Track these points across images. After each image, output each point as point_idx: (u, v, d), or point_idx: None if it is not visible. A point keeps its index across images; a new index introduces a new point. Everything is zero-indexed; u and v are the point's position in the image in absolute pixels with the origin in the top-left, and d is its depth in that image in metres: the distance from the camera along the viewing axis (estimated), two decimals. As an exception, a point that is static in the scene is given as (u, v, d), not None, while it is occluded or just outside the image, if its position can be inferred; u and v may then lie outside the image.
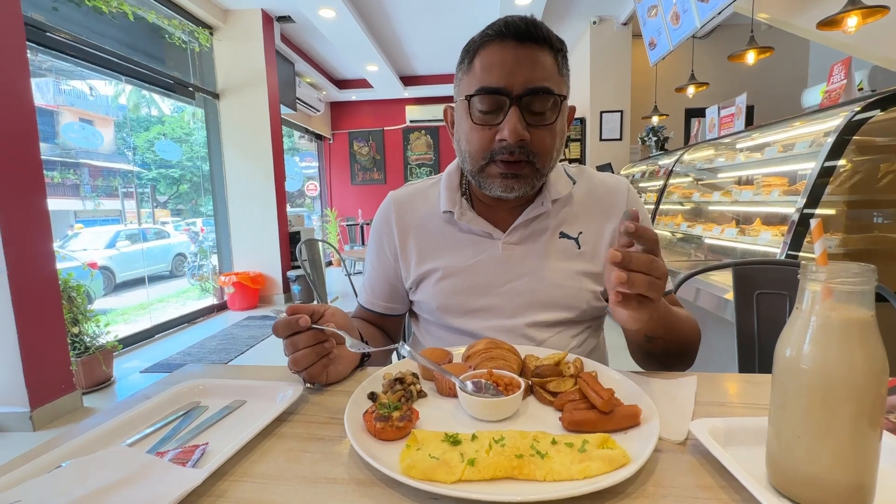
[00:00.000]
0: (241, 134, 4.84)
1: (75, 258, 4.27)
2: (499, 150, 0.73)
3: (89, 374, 2.91)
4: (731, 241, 2.71)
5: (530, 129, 0.72)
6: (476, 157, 0.76)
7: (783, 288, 1.26)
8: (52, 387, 2.51)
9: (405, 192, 0.93)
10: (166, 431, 0.56)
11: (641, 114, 5.51)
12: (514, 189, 0.76)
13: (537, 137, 0.73)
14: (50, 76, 4.20)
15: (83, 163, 4.58)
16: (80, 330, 2.89)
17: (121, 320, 4.30)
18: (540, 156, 0.74)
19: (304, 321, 0.63)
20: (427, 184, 0.93)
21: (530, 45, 0.71)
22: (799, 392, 0.38)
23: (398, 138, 8.07)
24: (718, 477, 0.44)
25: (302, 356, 0.63)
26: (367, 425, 0.52)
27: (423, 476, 0.42)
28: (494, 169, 0.75)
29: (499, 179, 0.76)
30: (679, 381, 0.64)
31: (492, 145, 0.74)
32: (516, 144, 0.72)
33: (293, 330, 0.64)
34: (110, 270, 4.84)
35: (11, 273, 2.28)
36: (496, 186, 0.77)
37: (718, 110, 3.24)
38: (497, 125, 0.73)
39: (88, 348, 2.90)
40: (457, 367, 0.64)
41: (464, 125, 0.77)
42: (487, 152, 0.75)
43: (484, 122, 0.74)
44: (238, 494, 0.44)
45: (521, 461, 0.43)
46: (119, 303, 4.68)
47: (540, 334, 0.82)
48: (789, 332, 0.40)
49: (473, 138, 0.75)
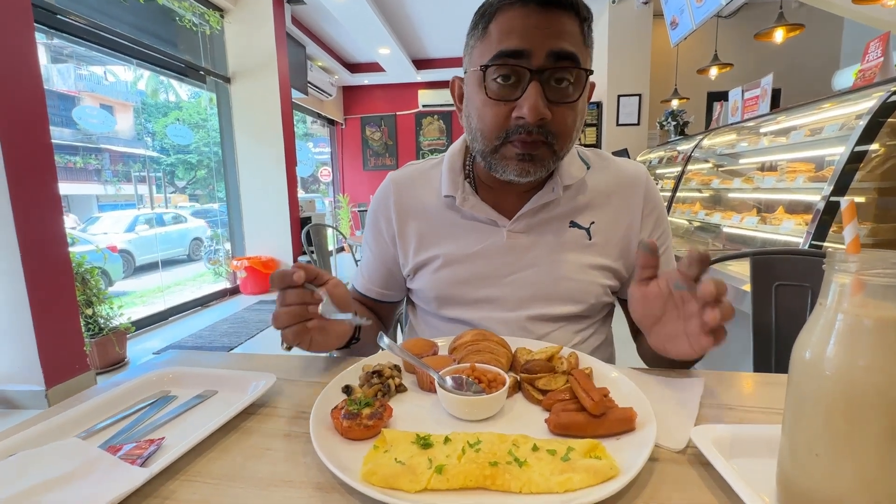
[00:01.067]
0: (253, 118, 4.82)
1: (90, 241, 4.35)
2: (515, 129, 0.66)
3: (103, 355, 2.97)
4: (751, 230, 2.59)
5: (551, 106, 0.64)
6: (489, 137, 0.68)
7: (804, 280, 1.18)
8: (66, 366, 2.57)
9: (405, 174, 0.86)
10: (128, 422, 0.53)
11: (660, 97, 5.32)
12: (529, 173, 0.68)
13: (559, 116, 0.65)
14: (70, 62, 4.23)
15: (104, 148, 4.64)
16: (94, 311, 2.94)
17: (139, 302, 4.38)
18: (559, 137, 0.67)
19: (298, 276, 0.60)
20: (429, 164, 0.86)
21: (555, 10, 0.63)
22: (819, 402, 0.33)
23: (410, 123, 7.97)
24: (720, 493, 0.39)
25: (284, 313, 0.61)
26: (334, 423, 0.48)
27: (384, 483, 0.38)
28: (510, 150, 0.67)
29: (514, 162, 0.68)
30: (683, 382, 0.59)
31: (508, 123, 0.66)
32: (536, 124, 0.64)
33: (286, 283, 0.61)
34: (130, 254, 4.92)
35: (24, 255, 2.31)
36: (511, 169, 0.69)
37: (742, 92, 3.08)
38: (514, 101, 0.65)
39: (102, 329, 2.96)
40: (440, 360, 0.60)
41: (476, 100, 0.69)
42: (503, 131, 0.67)
43: (500, 97, 0.66)
44: (186, 496, 0.40)
45: (495, 470, 0.39)
46: (138, 285, 4.76)
47: (541, 328, 0.77)
48: (810, 332, 0.34)
49: (487, 115, 0.67)
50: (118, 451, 0.46)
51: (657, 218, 0.82)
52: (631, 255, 0.80)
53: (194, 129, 5.18)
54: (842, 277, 0.32)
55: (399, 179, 0.85)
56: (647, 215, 0.80)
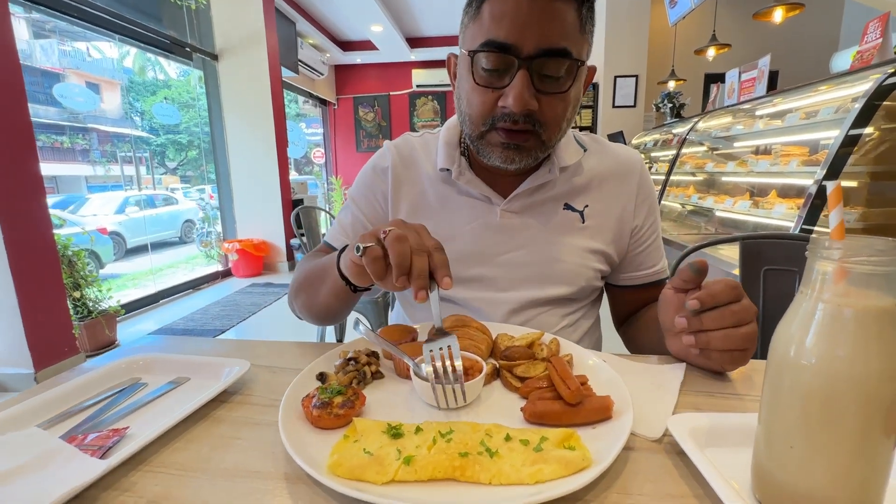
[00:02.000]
0: (242, 97, 4.71)
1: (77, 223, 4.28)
2: (501, 117, 0.64)
3: (93, 338, 2.95)
4: (743, 215, 2.59)
5: (540, 96, 0.62)
6: (476, 122, 0.67)
7: (793, 265, 1.18)
8: (55, 349, 2.56)
9: (404, 142, 0.83)
10: (95, 410, 0.51)
11: (657, 79, 5.24)
12: (514, 161, 0.67)
13: (547, 106, 0.63)
14: (53, 37, 4.08)
15: (91, 127, 4.53)
16: (83, 294, 2.91)
17: (131, 285, 4.34)
18: (547, 127, 0.65)
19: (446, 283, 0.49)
20: (427, 136, 0.83)
21: None
22: (796, 392, 0.31)
23: (404, 104, 7.83)
24: (695, 483, 0.38)
25: (406, 260, 0.48)
26: (304, 411, 0.46)
27: (350, 475, 0.37)
28: (495, 137, 0.66)
29: (498, 149, 0.67)
30: (664, 369, 0.58)
31: (494, 111, 0.64)
32: (521, 114, 0.62)
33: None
34: (120, 236, 4.85)
35: (7, 237, 2.26)
36: (495, 156, 0.68)
37: (739, 74, 3.04)
38: (502, 89, 0.63)
39: (91, 312, 2.93)
40: (417, 346, 0.58)
41: (465, 84, 0.67)
42: (489, 118, 0.65)
43: (487, 84, 0.64)
44: (147, 488, 0.39)
45: (465, 461, 0.37)
46: (130, 268, 4.71)
47: (531, 311, 0.76)
48: (790, 320, 0.33)
49: (474, 100, 0.66)
50: (83, 440, 0.45)
51: (650, 206, 0.81)
52: (622, 241, 0.79)
53: (184, 108, 5.06)
54: (824, 264, 0.31)
55: (398, 146, 0.82)
56: (641, 203, 0.79)
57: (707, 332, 0.53)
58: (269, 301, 3.97)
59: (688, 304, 0.53)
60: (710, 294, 0.52)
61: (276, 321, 3.51)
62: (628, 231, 0.79)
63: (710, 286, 0.53)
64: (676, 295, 0.58)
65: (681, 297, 0.57)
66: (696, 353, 0.55)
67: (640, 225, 0.79)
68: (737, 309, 0.51)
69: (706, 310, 0.53)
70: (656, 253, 0.82)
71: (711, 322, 0.52)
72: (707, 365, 0.57)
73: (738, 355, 0.53)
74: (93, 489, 0.39)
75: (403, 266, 0.48)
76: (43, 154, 4.34)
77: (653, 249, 0.81)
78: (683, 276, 0.55)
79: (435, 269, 0.49)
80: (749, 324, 0.52)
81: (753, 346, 0.53)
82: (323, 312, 0.72)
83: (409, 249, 0.48)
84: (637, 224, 0.79)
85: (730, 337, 0.52)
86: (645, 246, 0.80)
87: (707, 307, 0.52)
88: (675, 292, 0.58)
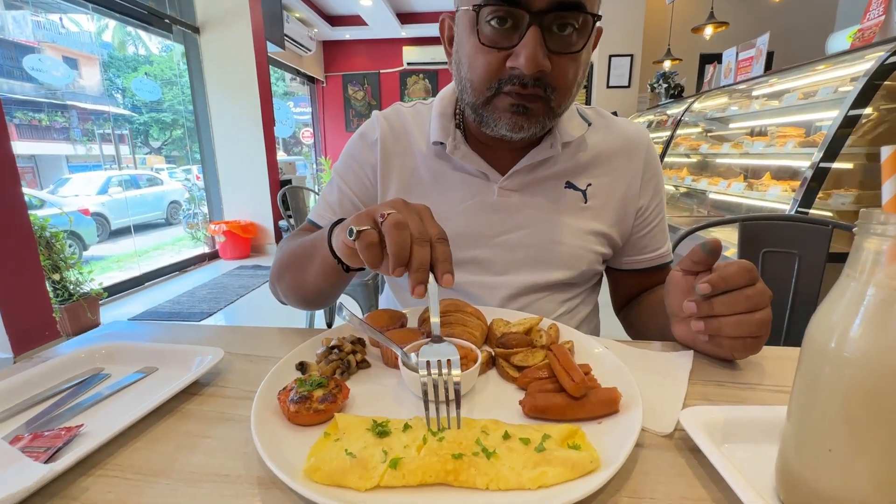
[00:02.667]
0: (225, 72, 4.52)
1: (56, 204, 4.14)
2: (508, 80, 0.58)
3: (74, 322, 2.87)
4: (737, 197, 2.56)
5: (551, 56, 0.56)
6: (480, 87, 0.60)
7: (792, 246, 1.15)
8: (35, 333, 2.49)
9: (394, 113, 0.77)
10: (48, 406, 0.46)
11: (652, 58, 5.15)
12: (522, 128, 0.61)
13: (559, 68, 0.57)
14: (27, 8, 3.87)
15: (71, 104, 4.33)
16: (62, 277, 2.82)
17: (116, 267, 4.24)
18: (558, 91, 0.59)
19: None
20: (419, 107, 0.77)
21: None
22: (836, 390, 0.28)
23: (395, 82, 7.64)
24: (712, 486, 0.35)
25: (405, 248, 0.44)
26: (280, 406, 0.42)
27: (329, 481, 0.33)
28: (503, 101, 0.60)
29: (507, 115, 0.60)
30: (671, 357, 0.54)
31: (501, 73, 0.58)
32: (533, 76, 0.56)
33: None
34: (104, 217, 4.71)
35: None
36: (502, 123, 0.61)
37: (737, 53, 2.98)
38: (511, 48, 0.56)
39: (72, 295, 2.85)
40: (406, 333, 0.54)
41: (467, 45, 0.60)
42: (494, 81, 0.59)
43: (494, 43, 0.57)
44: (98, 495, 0.34)
45: (459, 464, 0.33)
46: (115, 250, 4.59)
47: (529, 296, 0.71)
48: (831, 307, 0.29)
49: (479, 63, 0.59)
50: (31, 440, 0.40)
51: (656, 186, 0.76)
52: (626, 222, 0.75)
53: (167, 85, 4.86)
54: (875, 242, 0.27)
55: (388, 117, 0.76)
56: (647, 182, 0.74)
57: (718, 317, 0.49)
58: (258, 283, 3.91)
59: (698, 287, 0.49)
60: (722, 277, 0.48)
61: (265, 304, 3.45)
62: (633, 212, 0.74)
63: (723, 268, 0.49)
64: (685, 277, 0.54)
65: (690, 280, 0.53)
66: (704, 339, 0.52)
67: (646, 206, 0.75)
68: (751, 293, 0.48)
69: (717, 294, 0.49)
70: (661, 235, 0.77)
71: (723, 307, 0.49)
72: (716, 352, 0.53)
73: (750, 342, 0.49)
74: (36, 497, 0.34)
75: (402, 256, 0.43)
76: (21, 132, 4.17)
77: (657, 232, 0.77)
78: (694, 256, 0.51)
79: (436, 263, 0.44)
80: (764, 309, 0.48)
81: (767, 333, 0.49)
82: (311, 294, 0.66)
83: (409, 238, 0.43)
84: (642, 205, 0.74)
85: (743, 323, 0.48)
86: (650, 228, 0.76)
87: (719, 291, 0.49)
88: (685, 274, 0.54)
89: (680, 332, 0.56)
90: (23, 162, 4.14)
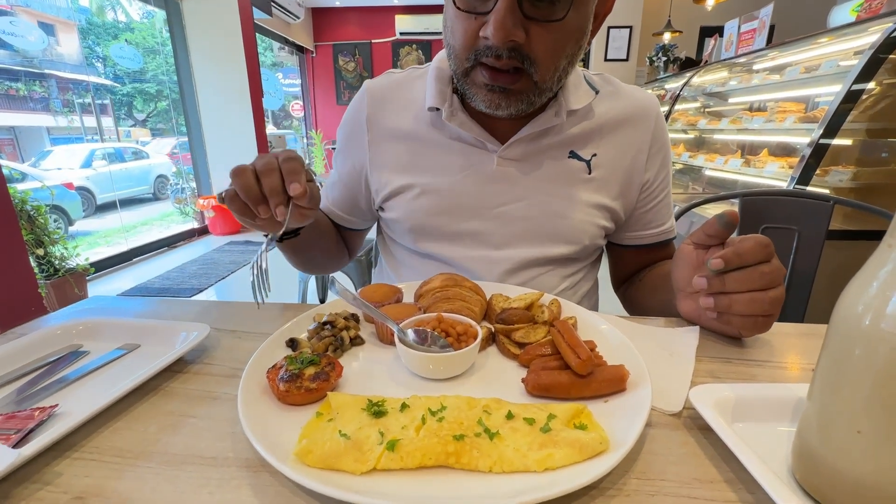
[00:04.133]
0: (210, 40, 4.34)
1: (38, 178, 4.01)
2: (483, 51, 0.54)
3: (61, 297, 2.83)
4: (733, 174, 2.54)
5: (530, 24, 0.52)
6: (460, 56, 0.57)
7: (792, 222, 1.14)
8: (20, 309, 2.44)
9: (384, 84, 0.73)
10: (22, 384, 0.43)
11: (651, 31, 5.02)
12: (500, 107, 0.58)
13: (538, 38, 0.53)
14: None
15: (49, 73, 4.14)
16: (46, 252, 2.75)
17: (103, 243, 4.16)
18: (539, 64, 0.54)
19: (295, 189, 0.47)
20: (413, 74, 0.73)
21: None
22: (869, 368, 0.26)
23: (387, 53, 7.41)
24: (724, 466, 0.33)
25: (247, 194, 0.48)
26: (270, 385, 0.40)
27: (322, 464, 0.31)
28: (479, 76, 0.56)
29: (483, 91, 0.57)
30: (676, 333, 0.53)
31: (476, 42, 0.54)
32: (505, 47, 0.52)
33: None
34: (89, 191, 4.58)
35: (-48, 190, 2.08)
36: (479, 100, 0.58)
37: (739, 24, 2.90)
38: (485, 14, 0.52)
39: (58, 271, 2.79)
40: (402, 308, 0.51)
41: (449, 9, 0.57)
42: (471, 51, 0.55)
43: (469, 8, 0.53)
44: (74, 480, 0.32)
45: (461, 445, 0.31)
46: (102, 225, 4.49)
47: (528, 271, 0.69)
48: (866, 281, 0.26)
49: (457, 30, 0.56)
50: (7, 420, 0.37)
51: (664, 158, 0.72)
52: (630, 196, 0.71)
53: (149, 54, 4.66)
54: (921, 210, 0.24)
55: (375, 90, 0.72)
56: (655, 154, 0.71)
57: (729, 294, 0.47)
58: (249, 259, 3.86)
59: (710, 262, 0.47)
60: (737, 253, 0.46)
61: (256, 280, 3.41)
62: (637, 185, 0.71)
63: (738, 244, 0.47)
64: (696, 251, 0.51)
65: (701, 255, 0.51)
66: (712, 316, 0.50)
67: (652, 179, 0.72)
68: (767, 269, 0.45)
69: (730, 270, 0.47)
70: (666, 210, 0.75)
71: (736, 284, 0.47)
72: (723, 330, 0.51)
73: (761, 321, 0.48)
74: (5, 483, 0.32)
75: (251, 192, 0.47)
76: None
77: (662, 206, 0.74)
78: (709, 229, 0.49)
79: (285, 178, 0.48)
80: (777, 287, 0.46)
81: (778, 311, 0.47)
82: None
83: (251, 176, 0.48)
84: (648, 178, 0.71)
85: (756, 301, 0.46)
86: (655, 202, 0.73)
87: (732, 267, 0.46)
88: (696, 248, 0.51)
89: (686, 308, 0.55)
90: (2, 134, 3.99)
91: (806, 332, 0.54)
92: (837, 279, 0.37)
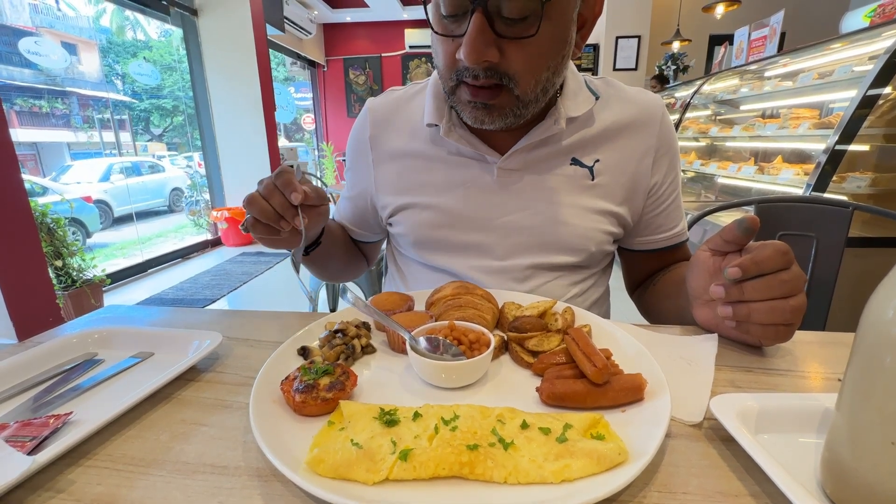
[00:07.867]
0: (225, 56, 4.45)
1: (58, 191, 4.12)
2: (462, 71, 0.55)
3: (78, 308, 2.88)
4: (747, 181, 2.51)
5: (504, 42, 0.52)
6: (444, 76, 0.59)
7: (810, 229, 1.11)
8: (38, 319, 2.48)
9: (384, 102, 0.74)
10: (38, 392, 0.44)
11: (660, 40, 5.03)
12: (484, 121, 0.59)
13: (514, 55, 0.53)
14: None
15: (71, 91, 4.28)
16: (65, 263, 2.81)
17: (119, 254, 4.23)
18: (519, 79, 0.55)
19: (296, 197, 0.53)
20: (412, 91, 0.74)
21: None
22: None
23: (397, 66, 7.51)
24: (748, 479, 0.32)
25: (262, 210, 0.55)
26: (285, 398, 0.39)
27: (334, 474, 0.30)
28: (462, 94, 0.57)
29: (468, 108, 0.58)
30: (694, 341, 0.51)
31: (456, 64, 0.55)
32: (480, 67, 0.53)
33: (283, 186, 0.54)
34: (107, 204, 4.70)
35: (-23, 204, 2.15)
36: (466, 115, 0.60)
37: (749, 32, 2.89)
38: (461, 37, 0.53)
39: (75, 282, 2.85)
40: (414, 316, 0.51)
41: (432, 34, 0.59)
42: (453, 71, 0.56)
43: (446, 32, 0.55)
44: (86, 487, 0.32)
45: (475, 455, 0.31)
46: (118, 237, 4.59)
47: (534, 280, 0.68)
48: (893, 285, 0.25)
49: (439, 52, 0.58)
50: (17, 429, 0.37)
51: (671, 161, 0.71)
52: (637, 201, 0.70)
53: (166, 71, 4.80)
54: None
55: (377, 109, 0.74)
56: (661, 157, 0.69)
57: (748, 303, 0.46)
58: (261, 270, 3.89)
59: (727, 271, 0.46)
60: (755, 262, 0.45)
61: (268, 290, 3.44)
62: (644, 190, 0.70)
63: (756, 251, 0.45)
64: (713, 258, 0.50)
65: (717, 262, 0.50)
66: (731, 325, 0.49)
67: (660, 182, 0.70)
68: (787, 277, 0.44)
69: (749, 278, 0.46)
70: (676, 213, 0.73)
71: (755, 292, 0.45)
72: (742, 339, 0.50)
73: (783, 330, 0.46)
74: (18, 491, 0.32)
75: (267, 213, 0.53)
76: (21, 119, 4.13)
77: (672, 209, 0.73)
78: (727, 235, 0.48)
79: (284, 193, 0.53)
80: (798, 295, 0.45)
81: (800, 320, 0.46)
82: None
83: (261, 201, 0.54)
84: (656, 181, 0.70)
85: (776, 310, 0.45)
86: (664, 206, 0.72)
87: (750, 276, 0.45)
88: (713, 255, 0.50)
89: (703, 316, 0.53)
90: (25, 149, 4.12)
91: (829, 341, 0.52)
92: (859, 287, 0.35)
